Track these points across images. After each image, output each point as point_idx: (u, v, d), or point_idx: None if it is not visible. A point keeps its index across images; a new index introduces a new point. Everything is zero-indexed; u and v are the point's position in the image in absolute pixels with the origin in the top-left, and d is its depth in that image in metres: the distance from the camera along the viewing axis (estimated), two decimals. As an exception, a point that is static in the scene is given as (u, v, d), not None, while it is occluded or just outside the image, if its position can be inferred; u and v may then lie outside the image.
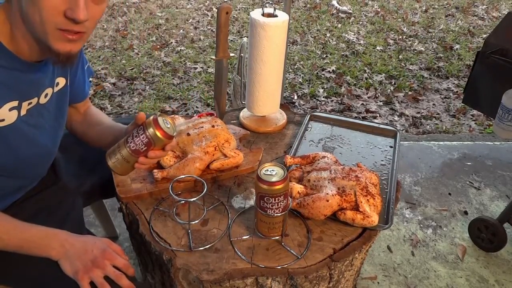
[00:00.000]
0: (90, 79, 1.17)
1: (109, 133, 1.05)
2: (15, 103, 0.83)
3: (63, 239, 0.90)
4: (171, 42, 3.73)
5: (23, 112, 0.86)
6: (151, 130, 0.87)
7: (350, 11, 4.51)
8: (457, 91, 3.06)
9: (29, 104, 0.87)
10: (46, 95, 0.91)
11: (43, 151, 0.97)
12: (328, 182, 1.00)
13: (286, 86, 3.00)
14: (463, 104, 2.49)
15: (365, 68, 3.34)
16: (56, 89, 0.95)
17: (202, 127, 1.14)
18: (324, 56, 3.54)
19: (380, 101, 2.92)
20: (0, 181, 0.91)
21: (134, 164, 0.92)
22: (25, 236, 0.88)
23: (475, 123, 2.69)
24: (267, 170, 0.89)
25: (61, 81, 0.96)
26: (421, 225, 1.81)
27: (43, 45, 0.80)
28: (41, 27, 0.76)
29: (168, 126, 0.90)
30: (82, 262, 0.87)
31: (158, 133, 0.87)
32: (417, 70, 3.35)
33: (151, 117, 0.89)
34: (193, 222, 0.98)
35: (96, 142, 1.09)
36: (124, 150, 0.90)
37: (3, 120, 0.81)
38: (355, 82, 3.15)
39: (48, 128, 0.95)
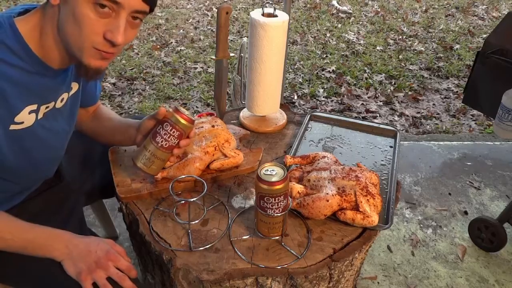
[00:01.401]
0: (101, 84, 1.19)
1: (122, 128, 1.08)
2: (34, 107, 0.84)
3: (66, 240, 0.90)
4: (171, 42, 3.73)
5: (40, 115, 0.87)
6: (178, 121, 0.93)
7: (350, 11, 4.51)
8: (457, 91, 3.06)
9: (46, 108, 0.88)
10: (62, 100, 0.93)
11: (53, 154, 0.98)
12: (328, 182, 1.00)
13: (286, 86, 3.00)
14: (463, 104, 2.49)
15: (365, 68, 3.34)
16: (70, 93, 0.96)
17: (202, 127, 1.14)
18: (324, 56, 3.54)
19: (380, 101, 2.92)
20: (9, 183, 0.91)
21: (167, 159, 0.97)
22: (29, 237, 0.88)
23: (475, 123, 2.69)
24: (267, 170, 0.89)
25: (75, 86, 0.98)
26: (421, 225, 1.81)
27: (73, 58, 0.82)
28: (78, 43, 0.78)
29: (187, 112, 0.95)
30: (85, 263, 0.87)
31: (184, 121, 0.93)
32: (417, 70, 3.35)
33: (171, 109, 0.94)
34: (193, 222, 0.98)
35: (108, 138, 1.12)
36: (154, 148, 0.94)
37: (22, 122, 0.83)
38: (355, 82, 3.15)
39: (61, 131, 0.96)
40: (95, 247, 0.90)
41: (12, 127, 0.81)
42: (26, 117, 0.83)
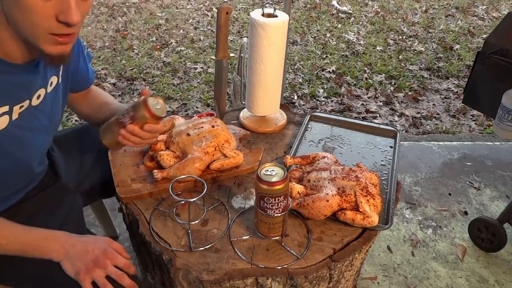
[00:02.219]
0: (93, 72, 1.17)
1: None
2: (5, 108, 0.80)
3: (63, 240, 0.90)
4: (171, 42, 3.73)
5: (14, 116, 0.83)
6: (138, 105, 0.93)
7: (350, 11, 4.51)
8: (457, 91, 3.06)
9: (20, 107, 0.84)
10: (38, 97, 0.89)
11: (37, 151, 0.96)
12: (328, 182, 1.00)
13: (286, 86, 3.00)
14: (463, 104, 2.49)
15: (365, 68, 3.34)
16: (49, 89, 0.93)
17: (202, 127, 1.14)
18: (324, 56, 3.54)
19: (380, 101, 2.92)
20: (2, 184, 0.90)
21: (117, 136, 0.95)
22: (25, 240, 0.88)
23: (475, 123, 2.69)
24: (267, 170, 0.89)
25: (54, 80, 0.94)
26: (421, 225, 1.81)
27: (33, 47, 0.77)
28: (31, 31, 0.73)
29: (158, 107, 0.93)
30: (84, 262, 0.87)
31: (144, 110, 0.92)
32: (417, 70, 3.35)
33: (143, 98, 0.94)
34: (193, 222, 0.98)
35: (103, 122, 1.09)
36: (113, 118, 0.96)
37: None
38: (355, 82, 3.15)
39: (42, 128, 0.93)
40: (92, 246, 0.90)
41: None
42: None
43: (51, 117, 0.96)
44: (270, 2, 1.25)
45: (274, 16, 1.22)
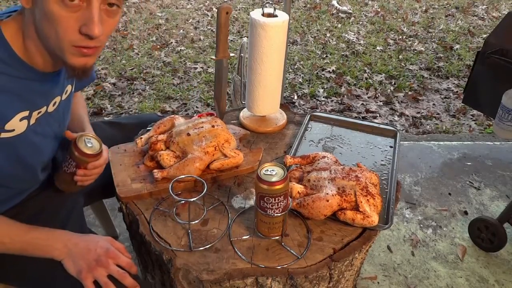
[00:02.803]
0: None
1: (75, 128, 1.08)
2: (26, 113, 0.83)
3: (65, 239, 0.90)
4: (171, 42, 3.73)
5: (32, 121, 0.85)
6: (71, 150, 0.95)
7: (350, 11, 4.51)
8: (457, 91, 3.06)
9: (38, 113, 0.87)
10: (54, 104, 0.92)
11: (46, 157, 0.98)
12: (328, 182, 1.00)
13: (286, 86, 3.00)
14: (463, 104, 2.49)
15: (365, 68, 3.34)
16: (64, 96, 0.95)
17: (202, 127, 1.14)
18: (324, 56, 3.54)
19: (380, 101, 2.92)
20: (5, 188, 0.90)
21: (75, 184, 0.99)
22: (27, 239, 0.88)
23: (475, 123, 2.69)
24: (267, 170, 0.89)
25: (69, 88, 0.97)
26: (421, 225, 1.81)
27: (57, 59, 0.80)
28: (56, 43, 0.76)
29: (90, 145, 0.96)
30: (86, 261, 0.87)
31: (78, 154, 0.94)
32: (417, 70, 3.35)
33: (74, 139, 0.96)
34: (193, 222, 0.98)
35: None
36: (61, 170, 0.98)
37: (13, 130, 0.81)
38: (355, 82, 3.15)
39: (53, 134, 0.95)
40: (94, 245, 0.90)
41: (3, 135, 0.79)
42: (17, 125, 0.81)
43: (61, 124, 0.98)
44: (270, 2, 1.25)
45: (274, 16, 1.22)
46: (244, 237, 0.96)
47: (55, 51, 0.78)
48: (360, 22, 4.28)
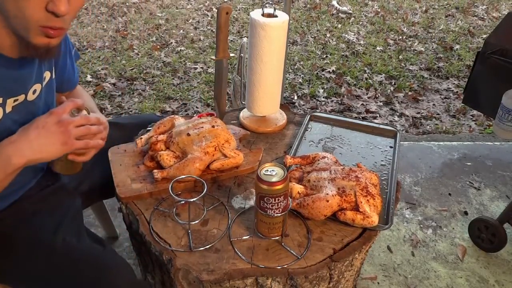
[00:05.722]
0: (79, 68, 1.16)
1: None
2: None
3: (14, 142, 0.82)
4: (171, 42, 3.73)
5: (8, 109, 0.84)
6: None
7: (350, 11, 4.51)
8: (457, 91, 3.06)
9: (15, 101, 0.85)
10: (34, 91, 0.90)
11: None
12: (328, 183, 1.00)
13: (286, 86, 3.00)
14: (463, 104, 2.49)
15: (365, 68, 3.34)
16: (44, 83, 0.94)
17: (202, 127, 1.14)
18: (324, 56, 3.54)
19: (380, 101, 2.92)
20: None
21: (69, 160, 0.93)
22: None
23: (475, 123, 2.69)
24: (267, 170, 0.89)
25: (47, 75, 0.95)
26: (421, 226, 1.81)
27: (22, 40, 0.79)
28: (23, 23, 0.75)
29: (77, 114, 0.90)
30: (51, 135, 0.82)
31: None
32: (417, 70, 3.35)
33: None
34: (193, 222, 0.98)
35: None
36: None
37: None
38: (355, 82, 3.15)
39: None
40: (43, 123, 0.83)
41: None
42: None
43: (45, 112, 0.93)
44: (270, 2, 1.25)
45: (274, 16, 1.22)
46: (244, 237, 0.96)
47: (20, 31, 0.77)
48: (360, 22, 4.28)
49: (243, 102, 1.43)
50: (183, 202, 1.04)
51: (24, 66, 0.86)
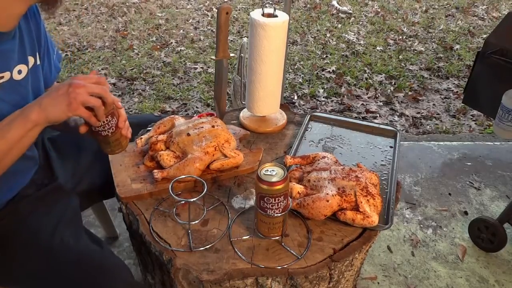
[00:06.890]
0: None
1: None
2: None
3: (33, 102, 0.85)
4: (171, 42, 3.73)
5: None
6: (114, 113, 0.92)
7: (350, 11, 4.51)
8: (457, 91, 3.06)
9: (0, 78, 0.85)
10: (20, 72, 0.90)
11: None
12: (328, 182, 1.00)
13: (286, 86, 3.00)
14: (463, 104, 2.49)
15: (365, 68, 3.34)
16: (30, 66, 0.94)
17: (202, 127, 1.14)
18: (324, 56, 3.54)
19: (380, 101, 2.92)
20: None
21: (121, 136, 0.95)
22: (1, 126, 0.83)
23: (475, 123, 2.69)
24: (267, 170, 0.89)
25: (31, 60, 0.95)
26: (421, 225, 1.81)
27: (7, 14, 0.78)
28: None
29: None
30: (62, 97, 0.83)
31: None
32: (417, 70, 3.35)
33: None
34: (193, 222, 0.98)
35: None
36: (108, 136, 0.93)
37: None
38: (355, 82, 3.15)
39: (25, 105, 0.90)
40: (60, 85, 0.85)
41: None
42: None
43: (35, 96, 0.94)
44: (270, 2, 1.25)
45: (274, 16, 1.22)
46: (244, 237, 0.96)
47: None
48: (360, 22, 4.28)
49: (243, 102, 1.43)
50: (183, 202, 1.04)
51: (4, 42, 0.85)
